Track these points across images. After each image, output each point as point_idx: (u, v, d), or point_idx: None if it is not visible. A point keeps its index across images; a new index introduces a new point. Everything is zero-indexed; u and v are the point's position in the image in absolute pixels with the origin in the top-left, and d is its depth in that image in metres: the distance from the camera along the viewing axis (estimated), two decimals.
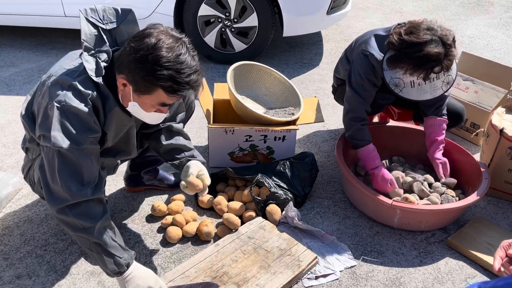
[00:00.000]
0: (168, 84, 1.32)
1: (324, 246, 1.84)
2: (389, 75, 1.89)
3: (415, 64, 1.79)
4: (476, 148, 2.56)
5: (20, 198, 2.08)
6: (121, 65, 1.37)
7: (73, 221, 1.38)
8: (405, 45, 1.79)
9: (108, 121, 1.46)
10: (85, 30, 1.41)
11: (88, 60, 1.39)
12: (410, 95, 1.89)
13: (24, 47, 3.83)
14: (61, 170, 1.36)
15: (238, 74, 2.43)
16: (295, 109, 2.40)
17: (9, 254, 1.78)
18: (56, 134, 1.34)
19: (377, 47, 1.96)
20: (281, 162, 2.17)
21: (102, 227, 1.42)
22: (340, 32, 4.35)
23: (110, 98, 1.44)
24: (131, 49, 1.33)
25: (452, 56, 1.79)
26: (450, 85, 1.88)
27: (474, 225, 1.95)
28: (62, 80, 1.37)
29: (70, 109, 1.35)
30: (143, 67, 1.31)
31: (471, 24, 4.65)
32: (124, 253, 1.44)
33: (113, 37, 1.48)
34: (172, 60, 1.31)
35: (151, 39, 1.31)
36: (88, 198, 1.39)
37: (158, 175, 2.13)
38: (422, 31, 1.79)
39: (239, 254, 1.73)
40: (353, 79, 2.04)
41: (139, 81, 1.34)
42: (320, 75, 3.48)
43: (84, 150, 1.39)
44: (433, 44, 1.76)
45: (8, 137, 2.57)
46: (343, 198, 2.16)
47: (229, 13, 3.33)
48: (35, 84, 2.73)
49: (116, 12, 1.48)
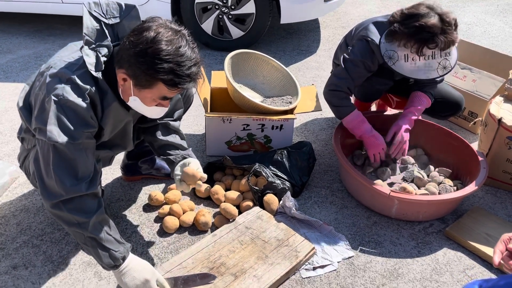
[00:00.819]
0: (169, 77, 1.31)
1: (321, 237, 1.84)
2: (385, 47, 1.91)
3: (409, 33, 1.81)
4: (474, 137, 2.56)
5: (16, 187, 2.06)
6: (120, 60, 1.35)
7: (67, 216, 1.37)
8: (404, 17, 1.86)
9: (106, 116, 1.44)
10: (87, 23, 1.38)
11: (88, 54, 1.37)
12: (402, 69, 1.89)
13: (21, 33, 3.77)
14: (56, 164, 1.34)
15: (235, 62, 2.40)
16: (293, 97, 2.39)
17: (5, 244, 1.77)
18: (52, 128, 1.32)
19: (377, 33, 1.96)
20: (278, 151, 2.16)
21: (97, 222, 1.41)
22: (338, 19, 4.31)
23: (109, 93, 1.42)
24: (130, 43, 1.31)
25: (450, 36, 1.79)
26: (447, 71, 1.87)
27: (472, 215, 1.95)
28: (60, 73, 1.35)
29: (67, 103, 1.32)
30: (143, 61, 1.30)
31: (468, 11, 4.62)
32: (119, 246, 1.43)
33: (115, 32, 1.46)
34: (172, 53, 1.29)
35: (150, 32, 1.30)
36: (82, 193, 1.37)
37: (155, 164, 2.11)
38: (423, 6, 1.85)
39: (237, 245, 1.73)
40: (348, 58, 2.03)
41: (139, 75, 1.33)
42: (318, 62, 3.45)
43: (80, 145, 1.37)
44: (431, 17, 1.79)
45: (5, 125, 2.55)
46: (340, 188, 2.16)
47: (226, 0, 3.29)
48: (32, 72, 2.68)
49: (119, 7, 1.47)
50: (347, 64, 2.03)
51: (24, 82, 3.01)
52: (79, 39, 1.49)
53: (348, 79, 2.02)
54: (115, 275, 1.45)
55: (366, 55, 1.98)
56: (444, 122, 2.62)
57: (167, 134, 1.74)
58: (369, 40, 1.96)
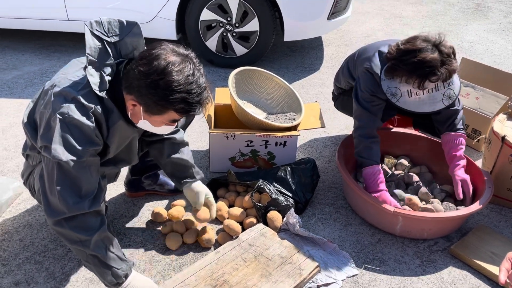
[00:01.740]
0: (180, 106, 1.35)
1: (325, 254, 1.82)
2: (386, 84, 1.89)
3: (409, 70, 1.79)
4: (478, 154, 2.55)
5: (20, 202, 2.06)
6: (130, 87, 1.38)
7: (70, 233, 1.37)
8: (401, 53, 1.83)
9: (111, 134, 1.46)
10: (89, 43, 1.40)
11: (92, 74, 1.38)
12: (407, 105, 1.87)
13: (27, 50, 3.82)
14: (60, 182, 1.35)
15: (239, 79, 2.42)
16: (296, 114, 2.40)
17: (8, 260, 1.76)
18: (56, 146, 1.33)
19: (380, 65, 1.95)
20: (282, 167, 2.16)
21: (99, 239, 1.40)
22: (341, 37, 4.35)
23: (114, 111, 1.43)
24: (140, 73, 1.33)
25: (450, 66, 1.78)
26: (452, 100, 1.86)
27: (477, 234, 1.93)
28: (65, 92, 1.37)
29: (73, 121, 1.34)
30: (155, 93, 1.33)
31: (470, 29, 4.66)
32: (122, 264, 1.43)
33: (118, 50, 1.48)
34: (182, 82, 1.32)
35: (160, 61, 1.32)
36: (85, 211, 1.38)
37: (158, 180, 2.12)
38: (419, 40, 1.83)
39: (240, 262, 1.71)
40: (361, 96, 2.01)
41: (151, 104, 1.36)
42: (321, 80, 3.47)
43: (84, 163, 1.38)
44: (428, 51, 1.78)
45: (9, 140, 2.56)
46: (344, 205, 2.15)
47: (230, 18, 3.33)
48: (37, 89, 2.70)
49: (121, 24, 1.47)
50: (362, 103, 2.00)
51: (29, 98, 3.04)
52: (84, 56, 1.50)
53: (370, 117, 2.00)
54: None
55: (375, 88, 1.95)
56: None
57: (173, 151, 1.77)
58: (372, 73, 1.95)
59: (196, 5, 3.31)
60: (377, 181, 1.95)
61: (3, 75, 3.36)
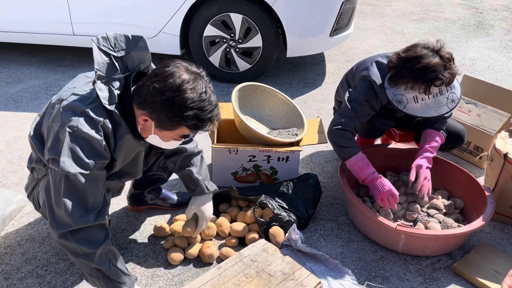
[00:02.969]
0: (193, 122, 1.39)
1: (328, 271, 1.82)
2: (391, 92, 1.93)
3: (415, 76, 1.84)
4: (480, 171, 2.56)
5: (23, 216, 2.07)
6: (143, 102, 1.41)
7: (74, 246, 1.38)
8: (404, 61, 1.88)
9: (118, 147, 1.48)
10: (97, 59, 1.43)
11: (101, 88, 1.41)
12: (414, 111, 1.90)
13: (32, 63, 3.87)
14: (67, 194, 1.36)
15: (242, 94, 2.45)
16: (299, 130, 2.41)
17: (10, 274, 1.76)
18: (65, 159, 1.35)
19: (378, 74, 1.99)
20: (284, 183, 2.16)
21: (103, 253, 1.41)
22: (343, 53, 4.39)
23: (122, 125, 1.46)
24: (155, 90, 1.36)
25: (452, 70, 1.84)
26: (455, 104, 1.91)
27: (479, 251, 1.93)
28: (74, 106, 1.39)
29: (82, 134, 1.36)
30: (170, 109, 1.37)
31: (472, 47, 4.69)
32: (125, 278, 1.44)
33: (125, 63, 1.51)
34: (196, 100, 1.37)
35: (175, 79, 1.36)
36: (90, 224, 1.39)
37: (161, 194, 2.12)
38: (419, 47, 1.88)
39: (242, 278, 1.71)
40: (353, 96, 2.03)
41: (164, 120, 1.40)
42: (323, 95, 3.50)
43: (92, 176, 1.39)
44: (431, 57, 1.83)
45: (13, 154, 2.58)
46: (346, 221, 2.15)
47: (234, 34, 3.37)
48: (42, 102, 2.72)
49: (127, 39, 1.51)
50: (352, 103, 2.02)
51: (34, 112, 3.07)
52: (89, 70, 1.54)
53: (354, 118, 2.01)
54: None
55: (371, 95, 1.99)
56: (449, 156, 2.63)
57: (185, 166, 1.80)
58: (371, 81, 1.98)
59: (200, 21, 3.36)
60: (366, 165, 1.97)
61: (8, 89, 3.40)
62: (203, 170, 1.84)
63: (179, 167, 1.81)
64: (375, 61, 2.04)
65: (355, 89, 2.06)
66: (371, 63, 2.04)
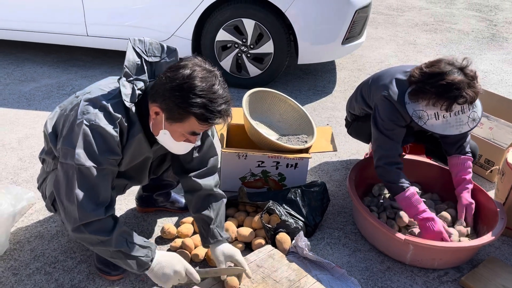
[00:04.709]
0: (201, 111, 1.37)
1: (333, 279, 1.81)
2: (412, 107, 1.88)
3: (438, 93, 1.79)
4: (490, 185, 2.53)
5: (32, 213, 2.09)
6: (155, 94, 1.42)
7: (90, 237, 1.41)
8: (427, 76, 1.83)
9: (128, 145, 1.49)
10: (129, 57, 1.47)
11: (125, 85, 1.44)
12: (435, 128, 1.86)
13: (45, 63, 3.91)
14: (79, 188, 1.39)
15: (253, 100, 2.46)
16: (308, 137, 2.41)
17: (19, 270, 1.78)
18: (80, 151, 1.37)
19: (397, 92, 1.94)
20: (292, 189, 2.16)
21: (118, 235, 1.45)
22: (354, 61, 4.39)
23: (137, 124, 1.48)
24: (167, 78, 1.38)
25: (476, 88, 1.79)
26: (476, 123, 1.86)
27: (488, 266, 1.91)
28: (95, 99, 1.42)
29: (98, 129, 1.38)
30: (179, 95, 1.36)
31: (485, 59, 4.67)
32: (144, 251, 1.49)
33: (153, 70, 1.55)
34: (205, 89, 1.36)
35: (186, 70, 1.37)
36: (102, 217, 1.41)
37: (170, 197, 2.13)
38: (443, 63, 1.84)
39: (247, 283, 1.71)
40: (380, 124, 1.99)
41: (173, 108, 1.39)
42: (333, 103, 3.50)
43: (104, 170, 1.42)
44: (455, 73, 1.79)
45: (25, 151, 2.61)
46: (353, 230, 2.14)
47: (246, 39, 3.39)
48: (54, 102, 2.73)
49: (161, 48, 1.56)
50: (384, 131, 1.98)
51: (46, 110, 3.11)
52: (101, 71, 1.56)
53: (393, 145, 1.97)
54: (148, 274, 1.51)
55: (395, 116, 1.94)
56: None
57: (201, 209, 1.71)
58: (393, 102, 1.93)
59: (213, 26, 3.38)
60: (416, 203, 1.90)
61: (21, 87, 3.44)
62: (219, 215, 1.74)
63: (197, 208, 1.72)
64: (395, 79, 1.98)
65: (377, 113, 2.00)
66: (390, 81, 1.98)
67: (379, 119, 2.00)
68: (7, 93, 3.34)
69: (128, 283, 1.75)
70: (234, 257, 1.67)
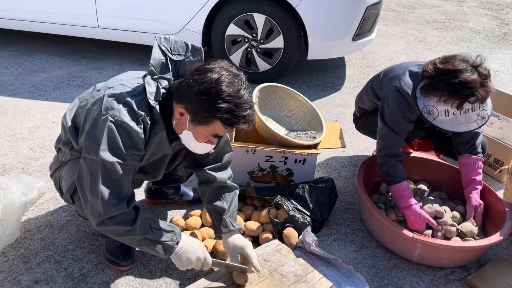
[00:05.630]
0: (227, 116, 1.38)
1: (340, 275, 1.82)
2: (423, 102, 1.88)
3: (450, 90, 1.78)
4: (499, 185, 2.52)
5: (43, 202, 2.11)
6: (181, 95, 1.43)
7: (115, 228, 1.44)
8: (440, 73, 1.82)
9: (150, 142, 1.51)
10: (155, 55, 1.48)
11: (150, 83, 1.45)
12: (444, 124, 1.86)
13: (56, 54, 3.94)
14: (103, 183, 1.41)
15: (263, 95, 2.46)
16: (317, 133, 2.41)
17: (29, 258, 1.80)
18: (105, 147, 1.39)
19: (411, 83, 1.93)
20: (300, 185, 2.16)
21: (142, 223, 1.47)
22: (363, 58, 4.37)
23: (160, 122, 1.49)
24: (195, 81, 1.39)
25: (488, 88, 1.78)
26: (485, 121, 1.86)
27: (495, 265, 1.90)
28: (119, 95, 1.44)
29: (123, 124, 1.40)
30: (206, 99, 1.37)
31: (496, 58, 4.63)
32: (169, 235, 1.52)
33: (177, 68, 1.55)
34: (232, 94, 1.37)
35: (214, 74, 1.38)
36: (124, 211, 1.44)
37: (180, 190, 2.15)
38: (457, 60, 1.82)
39: (254, 277, 1.72)
40: (387, 115, 1.99)
41: (199, 111, 1.40)
42: (342, 99, 3.49)
43: (127, 166, 1.44)
44: (469, 72, 1.78)
45: (36, 141, 2.63)
46: (361, 227, 2.14)
47: (256, 34, 3.39)
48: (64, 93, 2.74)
49: (186, 46, 1.57)
50: (389, 122, 1.98)
51: (57, 101, 3.13)
52: (111, 63, 1.57)
53: (395, 138, 1.98)
54: (172, 259, 1.55)
55: (403, 107, 1.94)
56: None
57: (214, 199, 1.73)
58: (404, 92, 1.93)
59: (223, 20, 3.38)
60: (406, 196, 1.95)
61: (32, 77, 3.47)
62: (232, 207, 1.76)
63: (209, 199, 1.75)
64: (408, 71, 1.97)
65: (386, 103, 2.01)
66: (403, 72, 1.98)
67: (386, 109, 2.01)
68: (19, 83, 3.36)
69: (137, 273, 1.78)
70: (245, 250, 1.67)
